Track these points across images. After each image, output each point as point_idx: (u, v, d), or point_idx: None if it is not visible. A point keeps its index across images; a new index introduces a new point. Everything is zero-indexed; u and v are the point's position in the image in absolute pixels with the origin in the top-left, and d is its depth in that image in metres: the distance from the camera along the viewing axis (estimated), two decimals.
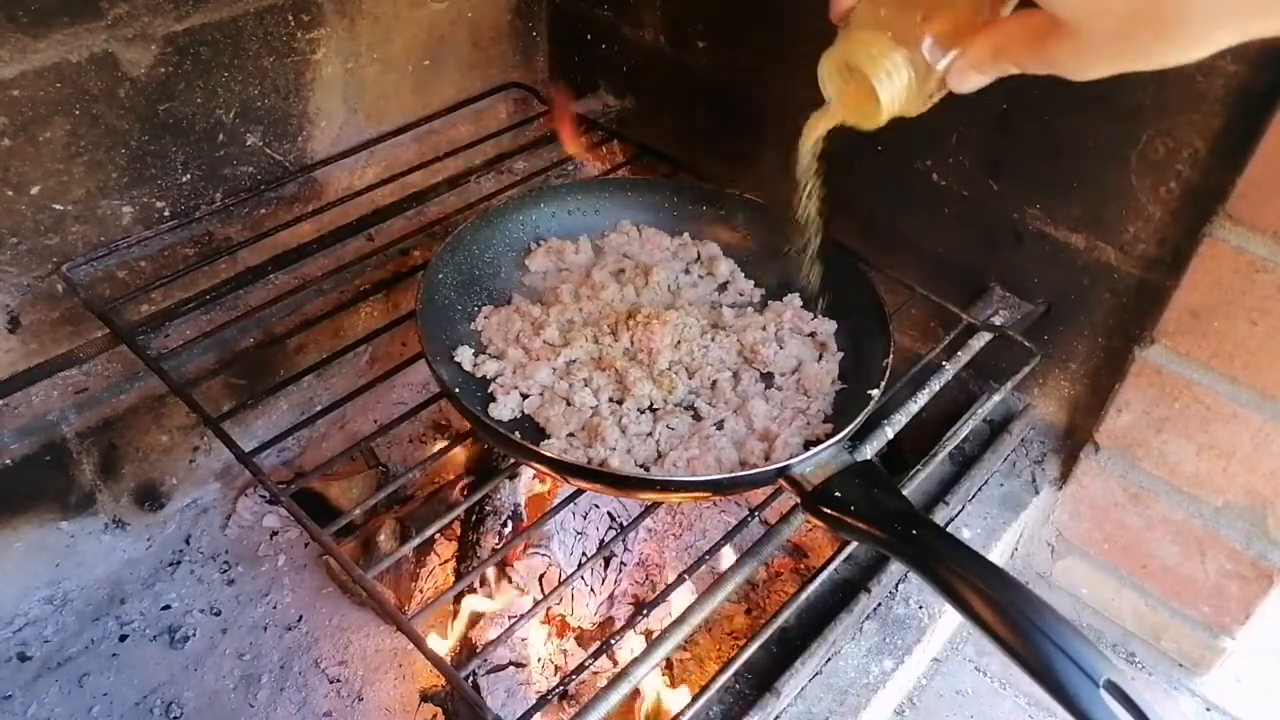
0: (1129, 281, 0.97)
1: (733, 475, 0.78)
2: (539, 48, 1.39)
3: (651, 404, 0.85)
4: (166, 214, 1.04)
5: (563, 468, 0.76)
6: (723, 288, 1.00)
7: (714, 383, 0.88)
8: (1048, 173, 0.98)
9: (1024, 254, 1.03)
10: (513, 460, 0.97)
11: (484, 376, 0.87)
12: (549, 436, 0.82)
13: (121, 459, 1.09)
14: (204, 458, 1.19)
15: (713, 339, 0.91)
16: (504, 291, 0.97)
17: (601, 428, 0.81)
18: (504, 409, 0.84)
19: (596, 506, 1.07)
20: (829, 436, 0.79)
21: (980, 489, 1.09)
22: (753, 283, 1.00)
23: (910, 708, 1.07)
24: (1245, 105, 0.82)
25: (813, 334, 0.93)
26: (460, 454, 1.16)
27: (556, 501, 0.84)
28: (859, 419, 0.78)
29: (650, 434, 0.82)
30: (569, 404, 0.84)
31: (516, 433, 0.81)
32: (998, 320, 1.01)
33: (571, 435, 0.82)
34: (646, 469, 0.80)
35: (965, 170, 1.03)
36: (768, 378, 0.90)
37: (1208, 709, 1.09)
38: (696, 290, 0.99)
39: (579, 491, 0.84)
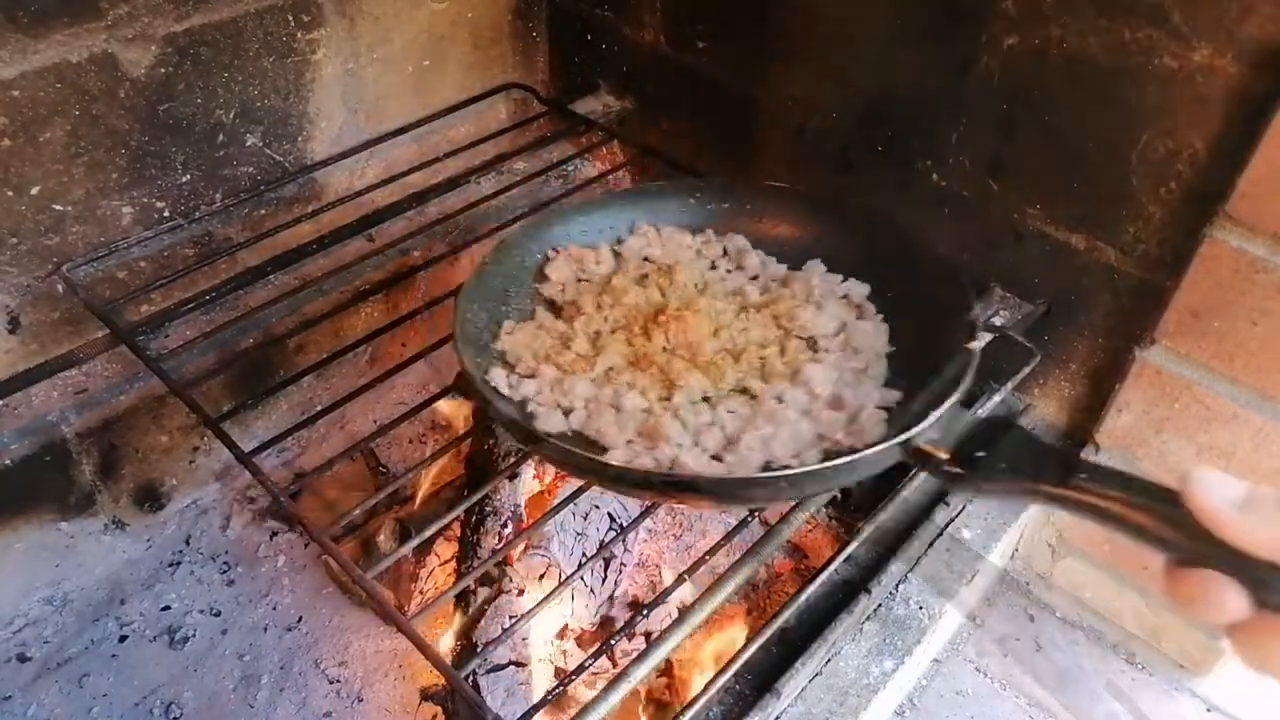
0: (1129, 282, 0.97)
1: (851, 459, 0.68)
2: (539, 48, 1.39)
3: (704, 394, 0.81)
4: (166, 214, 1.04)
5: (654, 482, 0.70)
6: (754, 279, 0.95)
7: (762, 360, 0.83)
8: (1048, 173, 0.98)
9: (1024, 254, 1.03)
10: (514, 461, 0.97)
11: (523, 399, 0.81)
12: (605, 450, 0.76)
13: (121, 459, 1.09)
14: (204, 458, 1.19)
15: (749, 318, 0.87)
16: (525, 306, 0.92)
17: (661, 425, 0.76)
18: (548, 427, 0.78)
19: (596, 507, 1.07)
20: (906, 401, 0.75)
21: None
22: (774, 258, 0.95)
23: (910, 708, 1.07)
24: (1246, 106, 0.82)
25: (845, 296, 0.89)
26: (460, 455, 1.16)
27: (556, 501, 0.84)
28: (969, 372, 0.72)
29: (712, 423, 0.77)
30: (618, 410, 0.79)
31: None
32: (998, 320, 1.01)
33: (630, 442, 0.76)
34: (720, 459, 0.74)
35: (965, 170, 1.03)
36: (811, 343, 0.85)
37: (1208, 710, 1.09)
38: (725, 285, 0.94)
39: (579, 491, 0.84)
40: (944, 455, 0.66)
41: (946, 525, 1.05)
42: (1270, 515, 0.43)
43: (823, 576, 0.79)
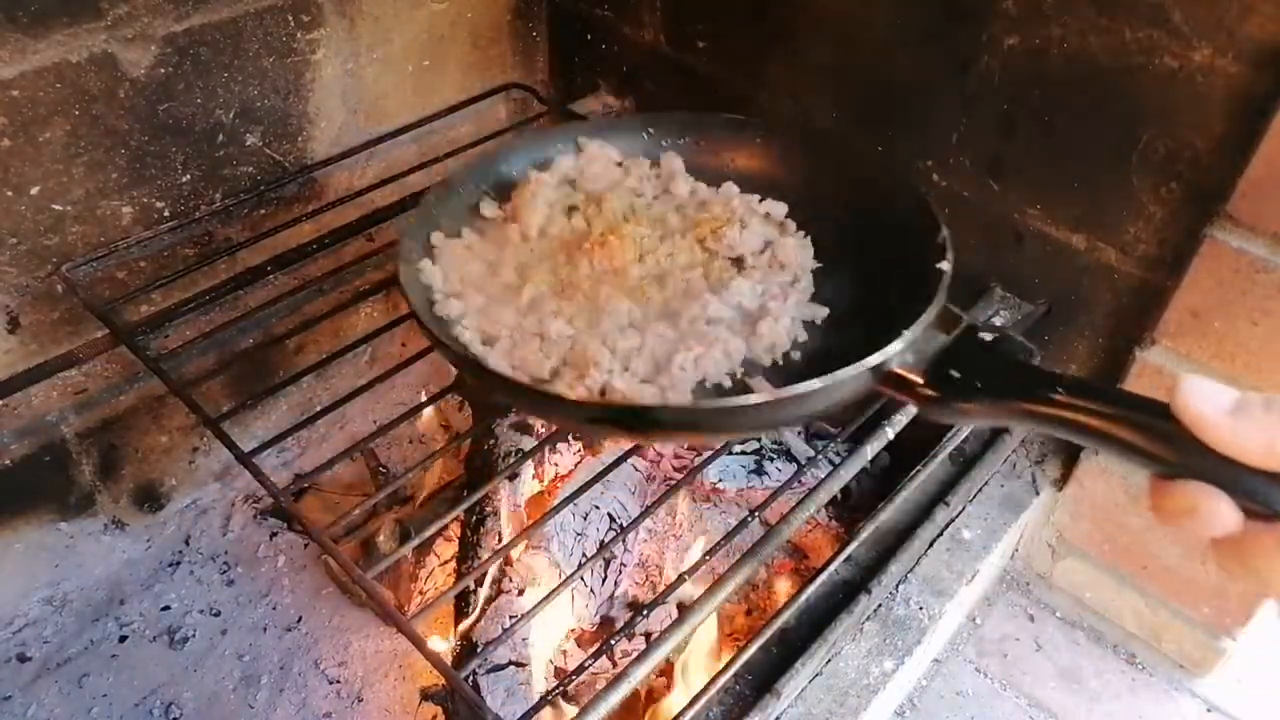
0: (1129, 282, 0.97)
1: (817, 384, 0.61)
2: (539, 48, 1.39)
3: (630, 321, 0.78)
4: (166, 214, 1.04)
5: (590, 413, 0.68)
6: (679, 208, 0.90)
7: (688, 282, 0.81)
8: (1048, 173, 0.97)
9: (1024, 254, 1.03)
10: (513, 461, 0.97)
11: (447, 317, 0.78)
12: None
13: (121, 459, 1.09)
14: (203, 458, 1.19)
15: (673, 243, 0.85)
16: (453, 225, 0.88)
17: (588, 350, 0.73)
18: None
19: (596, 508, 1.07)
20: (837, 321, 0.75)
21: (981, 490, 1.09)
22: (704, 184, 0.92)
23: (910, 709, 1.06)
24: (1246, 106, 0.82)
25: (767, 215, 0.87)
26: (460, 455, 1.16)
27: (556, 501, 0.84)
28: (940, 292, 0.68)
29: (641, 346, 0.75)
30: (543, 338, 0.76)
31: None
32: (998, 321, 1.01)
33: (556, 371, 0.74)
34: (652, 383, 0.72)
35: (965, 170, 1.03)
36: (738, 262, 0.83)
37: (1209, 710, 1.09)
38: (650, 212, 0.90)
39: (579, 491, 0.83)
40: (918, 378, 0.62)
41: (946, 525, 1.05)
42: (1260, 419, 0.41)
43: (823, 576, 0.79)
